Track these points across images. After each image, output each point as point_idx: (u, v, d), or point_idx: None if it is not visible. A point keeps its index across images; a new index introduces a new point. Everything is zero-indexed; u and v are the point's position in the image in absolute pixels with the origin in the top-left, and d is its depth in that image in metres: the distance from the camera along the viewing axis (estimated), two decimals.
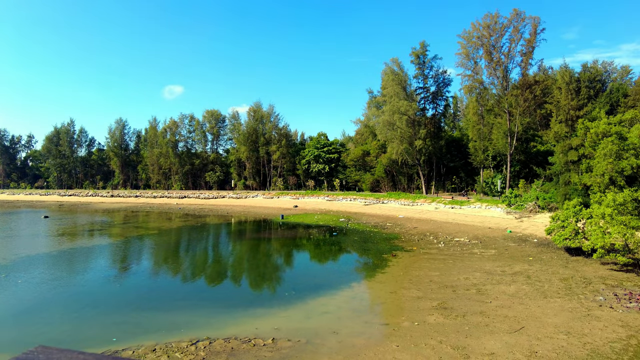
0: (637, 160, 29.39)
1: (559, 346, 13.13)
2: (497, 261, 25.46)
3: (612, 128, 31.48)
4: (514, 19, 52.39)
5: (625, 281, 20.21)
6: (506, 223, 39.96)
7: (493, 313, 16.28)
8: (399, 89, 61.27)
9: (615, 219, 21.50)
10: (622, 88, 64.95)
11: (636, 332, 14.07)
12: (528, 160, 57.99)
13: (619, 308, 16.43)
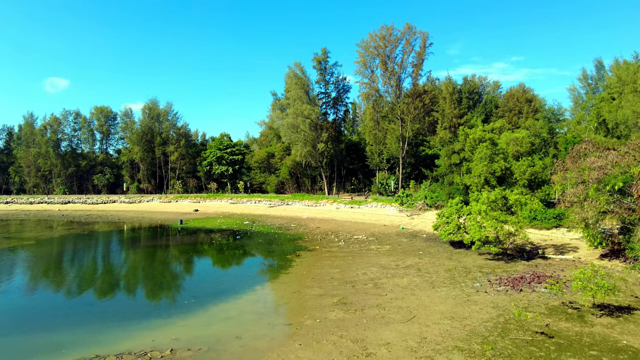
0: (505, 163, 33.96)
1: (445, 330, 14.57)
2: (392, 256, 27.35)
3: (486, 135, 35.91)
4: (407, 32, 56.87)
5: (496, 268, 23.17)
6: (399, 220, 43.10)
7: (388, 305, 17.46)
8: (302, 93, 62.53)
9: (489, 214, 24.57)
10: (494, 100, 74.52)
11: (503, 311, 16.23)
12: (418, 162, 63.32)
13: (491, 292, 18.80)
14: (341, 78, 67.38)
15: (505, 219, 24.58)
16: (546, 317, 15.53)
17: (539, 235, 30.69)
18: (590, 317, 15.38)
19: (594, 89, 51.67)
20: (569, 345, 13.09)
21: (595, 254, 24.74)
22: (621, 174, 18.98)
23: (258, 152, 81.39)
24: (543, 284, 19.14)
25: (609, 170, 20.08)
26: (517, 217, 25.59)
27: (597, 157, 21.36)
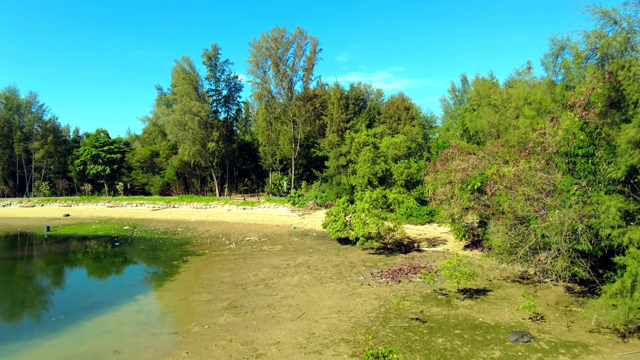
0: (386, 165, 36.85)
1: (332, 324, 15.25)
2: (283, 255, 27.72)
3: (369, 139, 38.51)
4: (298, 36, 58.08)
5: (378, 262, 25.00)
6: (291, 220, 43.87)
7: (279, 304, 17.66)
8: (191, 89, 59.79)
9: (372, 212, 26.41)
10: (377, 107, 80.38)
11: (385, 301, 17.61)
12: (309, 164, 65.20)
13: (374, 284, 20.24)
14: (233, 76, 66.08)
15: (386, 216, 26.69)
16: (420, 304, 17.26)
17: (415, 230, 33.93)
18: (456, 301, 17.50)
19: (460, 100, 58.98)
20: (439, 328, 14.73)
21: (460, 245, 28.22)
22: (479, 175, 21.99)
23: (140, 151, 75.48)
24: (418, 275, 21.19)
25: (470, 172, 23.09)
26: (396, 214, 27.98)
27: (461, 161, 24.41)
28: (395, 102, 76.80)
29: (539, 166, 17.24)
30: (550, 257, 15.54)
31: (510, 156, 20.38)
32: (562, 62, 18.54)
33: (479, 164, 22.57)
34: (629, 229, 12.84)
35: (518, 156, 19.38)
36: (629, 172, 13.75)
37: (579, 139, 15.46)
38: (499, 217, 18.78)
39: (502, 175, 18.23)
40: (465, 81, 59.99)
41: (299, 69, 59.48)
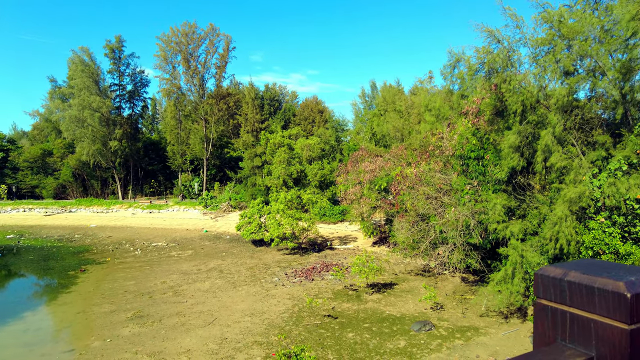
0: (300, 166, 37.33)
1: (245, 328, 15.05)
2: (194, 260, 26.65)
3: (285, 140, 38.70)
4: (210, 33, 56.28)
5: (293, 262, 25.23)
6: (203, 223, 42.34)
7: (189, 311, 16.95)
8: (90, 82, 54.68)
9: (286, 212, 26.57)
10: (292, 108, 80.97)
11: (298, 300, 17.85)
12: (222, 164, 63.50)
13: (288, 284, 20.39)
14: (139, 70, 61.87)
15: (300, 216, 27.04)
16: (332, 300, 17.79)
17: (328, 229, 34.85)
18: (365, 296, 18.35)
19: (370, 105, 61.90)
20: (349, 323, 15.32)
21: (369, 242, 29.62)
22: (385, 176, 23.33)
23: (30, 149, 67.12)
24: (330, 272, 21.81)
25: (377, 173, 24.36)
26: (310, 214, 28.48)
27: (369, 162, 25.66)
28: (309, 104, 78.06)
29: (438, 168, 18.81)
30: (447, 251, 17.04)
31: (412, 158, 21.92)
32: (458, 73, 20.40)
33: (385, 165, 23.93)
34: (511, 223, 14.59)
35: (420, 158, 20.92)
36: (510, 173, 15.61)
37: (471, 143, 17.18)
38: (402, 214, 20.10)
39: (405, 176, 19.54)
40: (374, 87, 63.23)
41: (211, 66, 57.69)
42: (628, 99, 14.34)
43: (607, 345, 0.74)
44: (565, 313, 0.81)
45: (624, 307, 0.72)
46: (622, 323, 0.72)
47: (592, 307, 0.77)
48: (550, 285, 0.84)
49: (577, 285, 0.79)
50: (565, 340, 0.81)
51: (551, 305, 0.84)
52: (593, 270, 0.81)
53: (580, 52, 14.44)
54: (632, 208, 11.94)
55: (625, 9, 12.87)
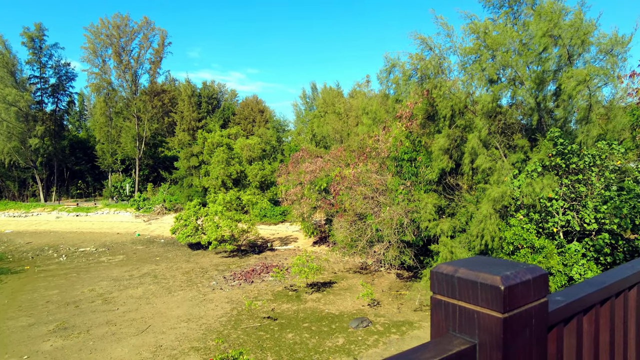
0: (240, 166, 36.75)
1: (181, 334, 14.54)
2: (126, 266, 25.26)
3: (223, 140, 37.86)
4: (144, 26, 53.59)
5: (232, 265, 24.77)
6: (135, 227, 40.23)
7: (120, 319, 16.04)
8: (5, 73, 49.77)
9: (225, 214, 26.02)
10: (231, 107, 79.36)
11: (237, 304, 17.57)
12: (156, 164, 60.68)
13: (227, 288, 20.00)
14: (64, 63, 57.36)
15: (240, 218, 26.62)
16: (272, 302, 17.72)
17: (269, 230, 34.64)
18: (305, 296, 18.49)
19: (311, 106, 62.38)
20: (289, 323, 15.36)
21: (310, 242, 29.87)
22: (325, 177, 23.69)
23: None
24: (270, 273, 21.70)
25: (317, 174, 24.65)
26: (250, 215, 28.13)
27: (310, 163, 25.89)
28: (249, 103, 77.04)
29: (374, 169, 19.45)
30: (383, 249, 17.67)
31: (351, 159, 22.47)
32: (393, 78, 21.21)
33: (325, 166, 24.30)
34: (441, 221, 15.46)
35: (358, 160, 21.50)
36: (440, 174, 16.54)
37: (405, 145, 17.96)
38: (342, 214, 20.53)
39: (344, 176, 19.99)
40: (314, 89, 63.81)
41: (145, 61, 54.98)
42: (542, 107, 15.79)
43: (487, 332, 0.85)
44: (455, 306, 0.91)
45: (499, 298, 0.83)
46: (498, 312, 0.83)
47: (475, 300, 0.87)
48: (443, 281, 0.94)
49: (464, 281, 0.89)
50: (455, 330, 0.92)
51: (444, 300, 0.94)
52: (479, 266, 0.92)
53: (502, 62, 15.65)
54: (545, 206, 13.17)
55: (538, 26, 14.17)
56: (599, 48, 14.53)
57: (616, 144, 13.52)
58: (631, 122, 16.09)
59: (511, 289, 0.84)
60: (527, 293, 0.89)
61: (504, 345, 0.83)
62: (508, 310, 0.84)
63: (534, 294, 0.91)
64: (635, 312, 1.65)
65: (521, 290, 0.87)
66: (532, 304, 0.90)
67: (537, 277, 0.91)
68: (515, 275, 0.87)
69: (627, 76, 17.14)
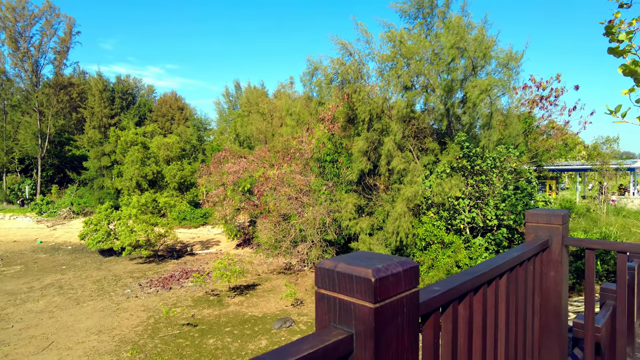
0: (157, 167, 34.87)
1: (91, 347, 13.43)
2: (25, 277, 22.71)
3: (138, 138, 35.67)
4: (47, 12, 48.58)
5: (148, 271, 23.42)
6: (37, 233, 36.33)
7: (16, 338, 14.39)
8: None
9: (140, 217, 24.54)
10: (148, 104, 74.92)
11: (154, 312, 16.67)
12: (63, 164, 55.28)
13: (142, 295, 18.88)
14: None
15: (156, 222, 25.28)
16: (192, 308, 17.09)
17: (189, 233, 33.31)
18: (227, 300, 18.09)
19: (234, 105, 61.08)
20: (210, 329, 14.93)
21: (233, 244, 29.29)
22: (249, 177, 23.39)
23: None
24: (190, 279, 20.90)
25: (241, 174, 24.26)
26: (168, 219, 26.83)
27: (233, 164, 25.40)
28: (168, 100, 73.45)
29: (298, 169, 19.65)
30: (306, 248, 17.91)
31: (275, 160, 22.46)
32: (316, 81, 21.59)
33: (249, 167, 24.01)
34: (360, 220, 16.07)
35: (282, 160, 21.56)
36: (360, 175, 17.20)
37: (327, 147, 18.39)
38: (266, 215, 20.44)
39: (268, 177, 19.93)
40: (238, 87, 62.61)
41: (48, 50, 49.92)
42: (451, 113, 17.13)
43: (361, 322, 0.94)
44: (336, 299, 0.99)
45: (370, 289, 0.92)
46: (370, 303, 0.92)
47: (352, 292, 0.95)
48: (325, 276, 1.01)
49: (343, 275, 0.97)
50: (336, 322, 0.99)
51: (326, 293, 1.01)
52: (356, 261, 1.00)
53: (416, 70, 16.70)
54: (453, 204, 14.30)
55: (447, 38, 15.37)
56: (498, 62, 16.14)
57: (512, 147, 15.12)
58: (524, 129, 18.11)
59: (382, 281, 0.93)
60: (397, 284, 0.99)
61: (375, 333, 0.92)
62: (379, 300, 0.93)
63: (405, 285, 1.01)
64: (505, 297, 1.89)
65: (392, 282, 0.97)
66: (403, 294, 1.01)
67: (408, 269, 1.02)
68: (387, 268, 0.97)
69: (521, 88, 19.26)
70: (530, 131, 18.73)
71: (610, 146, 28.77)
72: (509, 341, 1.97)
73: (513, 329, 2.02)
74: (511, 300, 1.97)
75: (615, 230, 14.94)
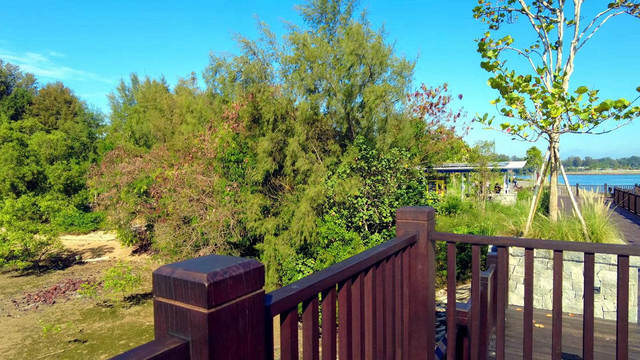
0: (38, 166, 30.91)
1: None
2: None
3: (14, 134, 31.27)
4: None
5: (25, 285, 20.66)
6: None
7: None
8: None
9: (15, 224, 21.53)
10: (27, 95, 65.99)
11: (32, 331, 14.76)
12: None
13: (18, 314, 16.59)
14: None
15: (36, 228, 22.40)
16: (80, 322, 15.48)
17: (77, 240, 30.14)
18: (122, 311, 16.72)
19: (130, 100, 56.59)
20: (102, 344, 13.66)
21: (129, 251, 27.17)
22: (146, 178, 21.87)
23: None
24: (78, 290, 18.93)
25: (136, 175, 22.59)
26: (52, 224, 23.96)
27: (128, 163, 23.54)
28: (52, 92, 65.57)
29: (200, 170, 18.90)
30: (209, 252, 17.30)
31: (175, 160, 21.34)
32: (219, 78, 20.97)
33: (146, 166, 22.48)
34: (266, 221, 16.01)
35: (182, 160, 20.55)
36: (266, 176, 17.13)
37: (231, 147, 17.98)
38: (165, 219, 19.30)
39: (166, 178, 18.85)
40: (135, 81, 58.22)
41: None
42: (351, 116, 17.88)
43: (196, 329, 0.92)
44: (173, 306, 0.96)
45: (204, 294, 0.91)
46: (204, 308, 0.91)
47: (187, 298, 0.94)
48: (162, 283, 0.98)
49: (179, 281, 0.95)
50: (173, 330, 0.97)
51: (164, 301, 0.98)
52: (195, 266, 0.99)
53: (319, 74, 17.12)
54: (352, 203, 14.95)
55: (347, 45, 16.02)
56: (393, 69, 17.26)
57: (405, 150, 16.30)
58: (416, 133, 19.63)
59: (217, 285, 0.93)
60: (238, 287, 0.99)
61: (210, 339, 0.91)
62: (214, 305, 0.92)
63: (248, 287, 1.02)
64: (371, 291, 2.01)
65: (231, 285, 0.97)
66: (245, 296, 1.02)
67: (250, 270, 1.03)
68: (226, 271, 0.96)
69: (413, 95, 20.84)
70: (421, 135, 20.35)
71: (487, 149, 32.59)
72: (377, 333, 2.10)
73: (381, 321, 2.17)
74: (378, 294, 2.11)
75: (491, 224, 16.93)
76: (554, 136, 7.64)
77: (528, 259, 2.50)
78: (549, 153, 7.80)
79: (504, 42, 8.02)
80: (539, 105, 7.33)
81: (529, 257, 2.49)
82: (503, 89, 7.37)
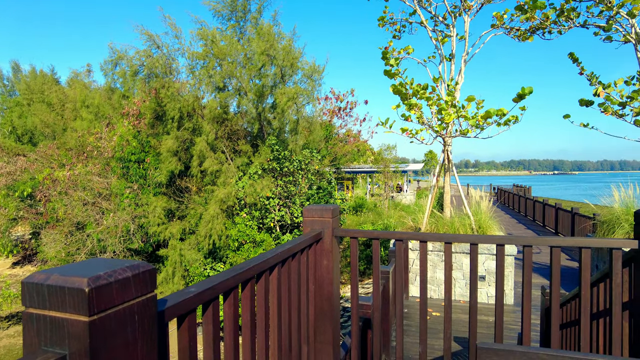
0: None
1: None
2: None
3: None
4: None
5: None
6: None
7: None
8: None
9: None
10: None
11: None
12: None
13: None
14: None
15: None
16: None
17: None
18: None
19: (11, 91, 49.65)
20: None
21: (8, 263, 23.86)
22: (30, 180, 19.36)
23: None
24: None
25: (18, 176, 19.90)
26: None
27: (7, 163, 20.65)
28: None
29: (96, 170, 17.29)
30: None
31: (67, 159, 19.26)
32: (119, 71, 19.37)
33: (31, 167, 19.94)
34: (171, 225, 15.18)
35: (76, 160, 18.62)
36: (170, 177, 16.24)
37: (132, 145, 16.71)
38: (54, 225, 17.30)
39: (55, 179, 16.91)
40: (17, 70, 51.28)
41: None
42: (262, 117, 17.75)
43: (75, 340, 0.84)
44: (46, 317, 0.86)
45: (84, 301, 0.82)
46: (84, 316, 0.83)
47: (64, 307, 0.84)
48: (34, 292, 0.87)
49: (54, 288, 0.85)
50: (47, 345, 0.86)
51: (35, 312, 0.87)
52: (75, 270, 0.89)
53: (228, 72, 16.71)
54: (264, 204, 14.86)
55: (258, 44, 15.89)
56: (304, 72, 17.51)
57: (316, 152, 16.64)
58: (325, 135, 20.16)
59: (100, 290, 0.85)
60: (126, 291, 0.92)
61: (92, 351, 0.83)
62: (96, 312, 0.84)
63: (137, 291, 0.95)
64: (276, 289, 2.02)
65: (117, 289, 0.89)
66: (134, 301, 0.95)
67: (140, 273, 0.96)
68: (110, 275, 0.89)
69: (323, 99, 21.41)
70: (330, 138, 20.96)
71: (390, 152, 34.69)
72: (282, 331, 2.11)
73: (287, 319, 2.18)
74: (283, 292, 2.12)
75: (394, 221, 18.03)
76: (447, 140, 8.39)
77: (422, 251, 2.71)
78: (443, 156, 8.55)
79: (405, 52, 8.60)
80: (435, 112, 7.99)
81: (423, 249, 2.70)
82: (403, 96, 7.90)
